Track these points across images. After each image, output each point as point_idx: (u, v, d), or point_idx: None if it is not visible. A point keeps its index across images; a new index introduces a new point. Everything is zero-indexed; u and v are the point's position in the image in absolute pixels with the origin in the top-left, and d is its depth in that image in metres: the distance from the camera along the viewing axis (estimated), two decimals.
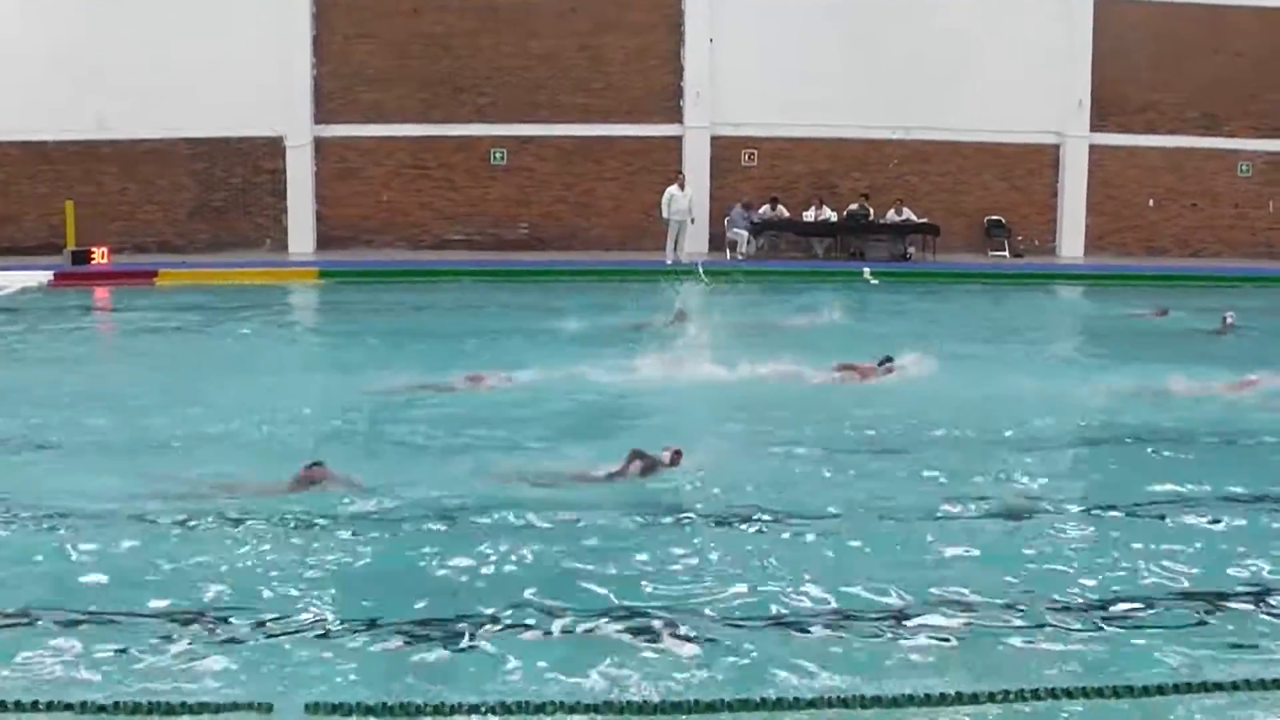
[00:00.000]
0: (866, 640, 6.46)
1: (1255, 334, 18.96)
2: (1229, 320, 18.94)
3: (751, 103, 27.92)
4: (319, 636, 6.46)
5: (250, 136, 27.45)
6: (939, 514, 8.80)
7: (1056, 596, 7.11)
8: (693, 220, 26.79)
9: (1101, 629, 6.71)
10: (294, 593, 7.05)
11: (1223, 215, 30.01)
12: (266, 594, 7.02)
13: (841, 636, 6.53)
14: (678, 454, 9.57)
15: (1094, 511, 9.16)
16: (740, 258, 27.43)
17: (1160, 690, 5.64)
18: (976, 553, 7.98)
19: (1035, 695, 5.44)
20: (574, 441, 10.63)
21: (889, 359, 13.87)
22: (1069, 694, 5.51)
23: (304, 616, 6.70)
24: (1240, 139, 29.80)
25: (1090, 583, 7.37)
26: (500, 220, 28.19)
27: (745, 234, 27.61)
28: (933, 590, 7.11)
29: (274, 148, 27.63)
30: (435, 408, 12.24)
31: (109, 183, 27.37)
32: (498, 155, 28.13)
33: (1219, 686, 5.70)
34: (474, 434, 11.17)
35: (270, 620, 6.62)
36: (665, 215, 26.58)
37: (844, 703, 5.43)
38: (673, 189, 26.63)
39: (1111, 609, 7.01)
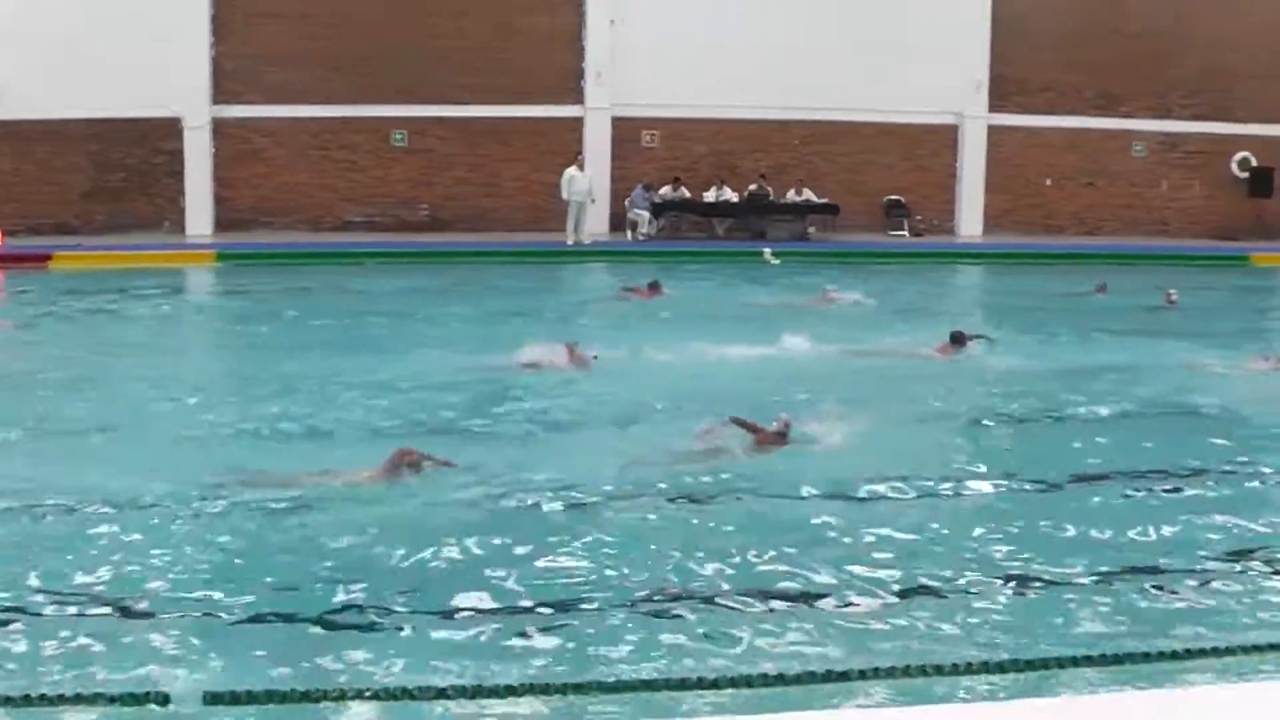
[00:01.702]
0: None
1: (1194, 309, 19.71)
2: (1172, 297, 19.60)
3: (653, 84, 27.97)
4: (216, 625, 6.50)
5: (148, 117, 27.08)
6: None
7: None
8: (593, 201, 26.89)
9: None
10: (186, 581, 7.10)
11: (1119, 194, 30.51)
12: (159, 583, 7.05)
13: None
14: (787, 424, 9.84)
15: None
16: (642, 238, 27.59)
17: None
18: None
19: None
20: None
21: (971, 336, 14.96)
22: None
23: (199, 605, 6.75)
24: (1136, 119, 30.28)
25: None
26: (402, 201, 28.12)
27: (646, 214, 27.73)
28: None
29: (172, 129, 27.34)
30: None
31: (2, 163, 26.98)
32: (399, 136, 28.04)
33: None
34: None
35: (166, 609, 6.65)
36: (565, 196, 26.64)
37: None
38: (572, 170, 26.69)
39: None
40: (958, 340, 14.53)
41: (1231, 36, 30.11)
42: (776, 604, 6.94)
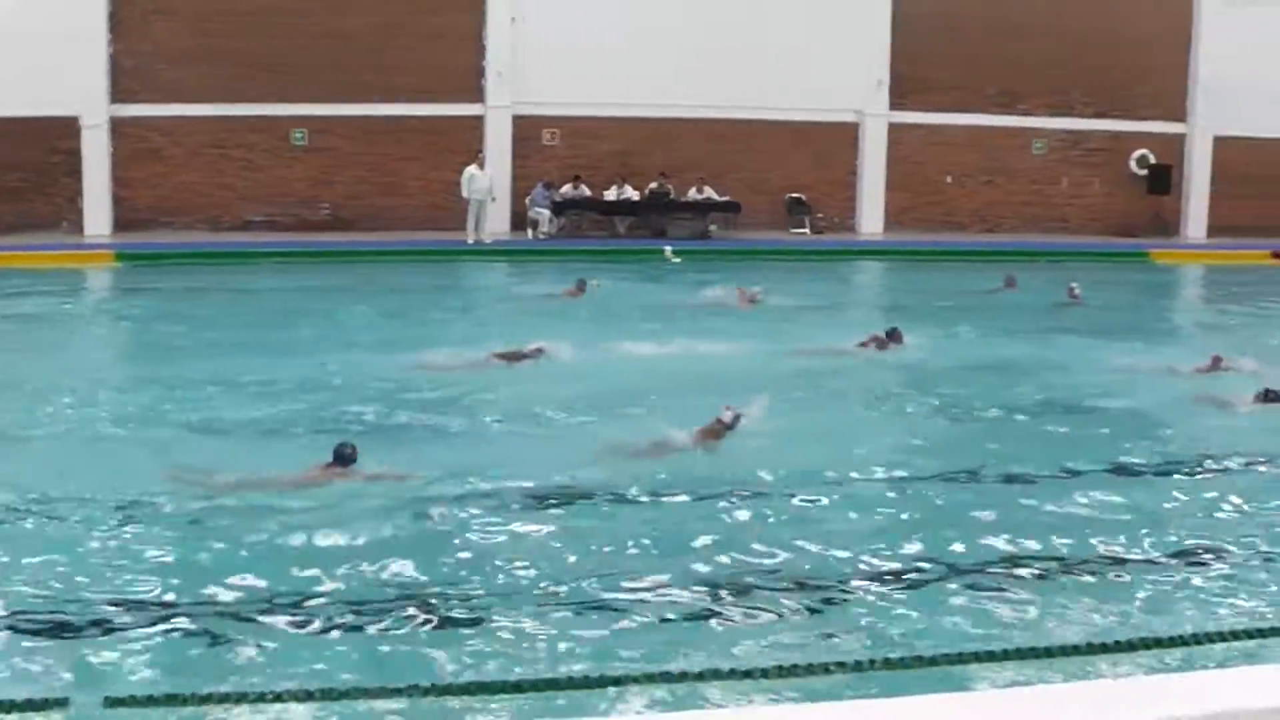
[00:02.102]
0: None
1: (1095, 305, 20.23)
2: (1075, 291, 20.01)
3: (553, 82, 27.98)
4: (117, 631, 6.54)
5: (45, 116, 26.83)
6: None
7: None
8: (493, 199, 26.93)
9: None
10: (88, 585, 7.13)
11: (1020, 191, 30.85)
12: (59, 589, 7.08)
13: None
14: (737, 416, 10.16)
15: None
16: (542, 237, 27.66)
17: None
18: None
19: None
20: None
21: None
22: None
23: (103, 612, 6.77)
24: (1036, 117, 30.63)
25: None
26: (302, 200, 27.98)
27: (547, 213, 27.78)
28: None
29: (69, 128, 27.09)
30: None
31: None
32: (299, 135, 27.91)
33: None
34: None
35: (67, 616, 6.68)
36: (465, 195, 26.66)
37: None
38: (472, 168, 26.71)
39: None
40: (892, 337, 15.10)
41: (1129, 35, 30.50)
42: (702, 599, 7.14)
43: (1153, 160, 31.22)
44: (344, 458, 9.15)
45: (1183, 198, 31.74)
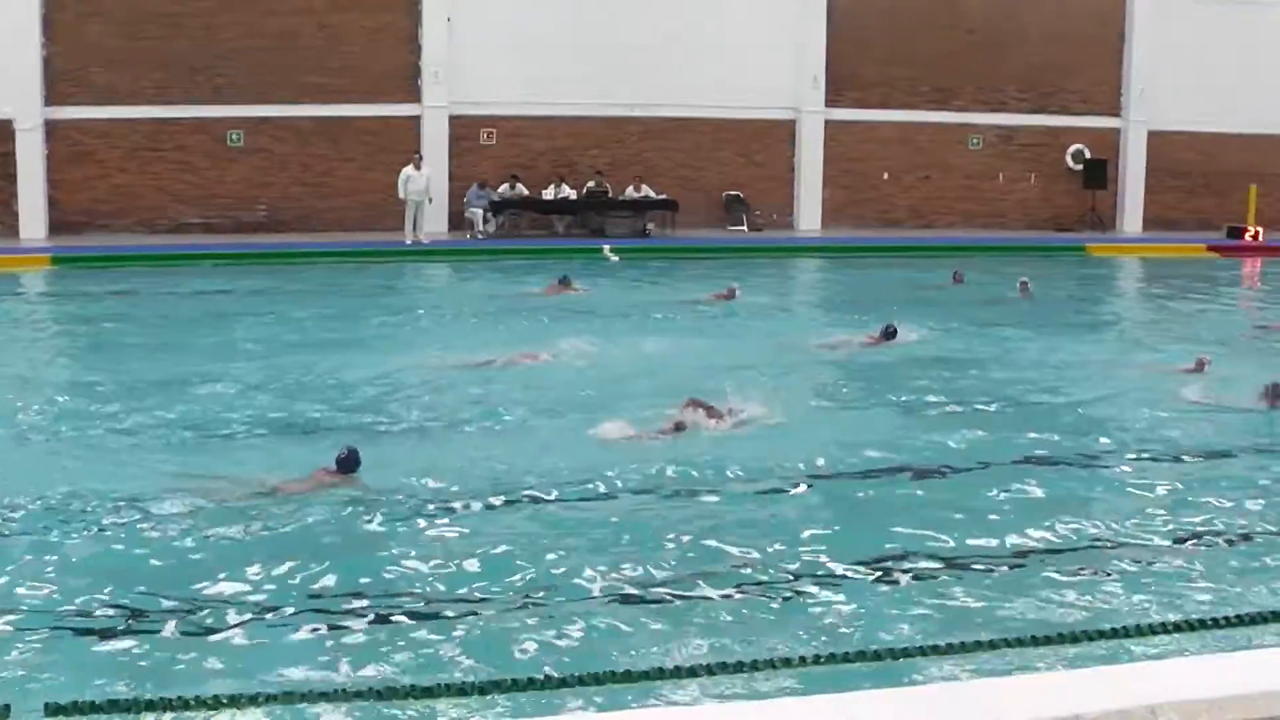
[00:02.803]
0: None
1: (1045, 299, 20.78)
2: (1028, 287, 20.45)
3: (490, 82, 28.08)
4: (59, 638, 6.53)
5: None
6: None
7: None
8: (430, 200, 26.97)
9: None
10: (28, 594, 7.12)
11: (955, 187, 31.11)
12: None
13: None
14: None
15: None
16: (480, 236, 27.73)
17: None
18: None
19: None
20: None
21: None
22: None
23: (41, 618, 6.77)
24: (972, 113, 30.89)
25: None
26: (238, 202, 27.93)
27: (483, 212, 27.87)
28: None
29: (4, 131, 26.95)
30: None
31: None
32: (235, 137, 27.86)
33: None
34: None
35: (7, 622, 6.68)
36: (402, 195, 26.69)
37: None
38: (409, 169, 26.74)
39: None
40: (889, 334, 15.57)
41: (1063, 31, 30.84)
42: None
43: (1088, 155, 31.55)
44: (345, 464, 9.13)
45: (1118, 192, 32.09)
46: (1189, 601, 7.12)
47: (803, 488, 9.43)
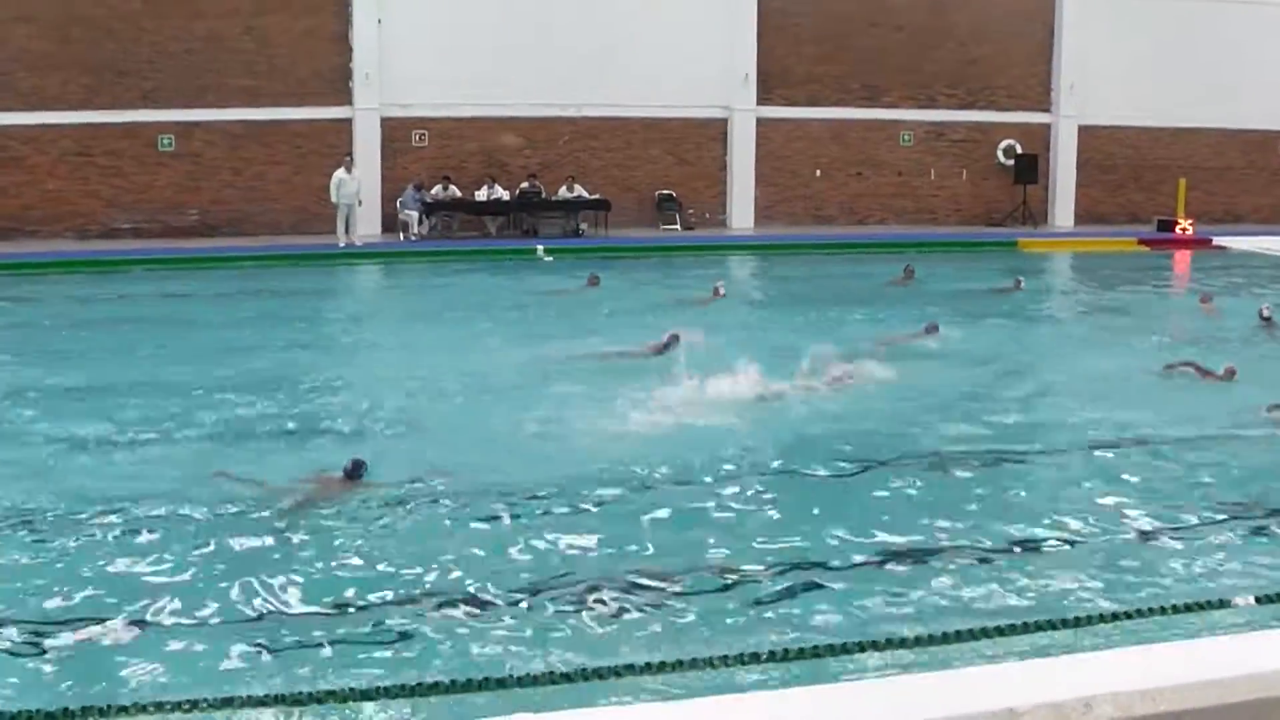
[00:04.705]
0: None
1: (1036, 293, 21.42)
2: (1019, 283, 21.10)
3: (421, 84, 28.09)
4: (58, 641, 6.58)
5: None
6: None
7: None
8: (360, 203, 26.96)
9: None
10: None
11: (887, 183, 31.36)
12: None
13: None
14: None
15: None
16: (413, 238, 27.76)
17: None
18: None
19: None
20: None
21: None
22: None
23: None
24: (901, 110, 31.13)
25: None
26: (169, 207, 27.82)
27: (416, 214, 27.90)
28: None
29: None
30: None
31: None
32: (165, 141, 27.72)
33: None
34: None
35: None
36: (335, 199, 26.65)
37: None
38: (340, 172, 26.71)
39: None
40: (931, 330, 16.01)
41: (991, 27, 31.17)
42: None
43: (1019, 150, 31.87)
44: (350, 472, 9.23)
45: (1049, 186, 32.44)
46: (1123, 592, 7.28)
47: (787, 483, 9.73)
